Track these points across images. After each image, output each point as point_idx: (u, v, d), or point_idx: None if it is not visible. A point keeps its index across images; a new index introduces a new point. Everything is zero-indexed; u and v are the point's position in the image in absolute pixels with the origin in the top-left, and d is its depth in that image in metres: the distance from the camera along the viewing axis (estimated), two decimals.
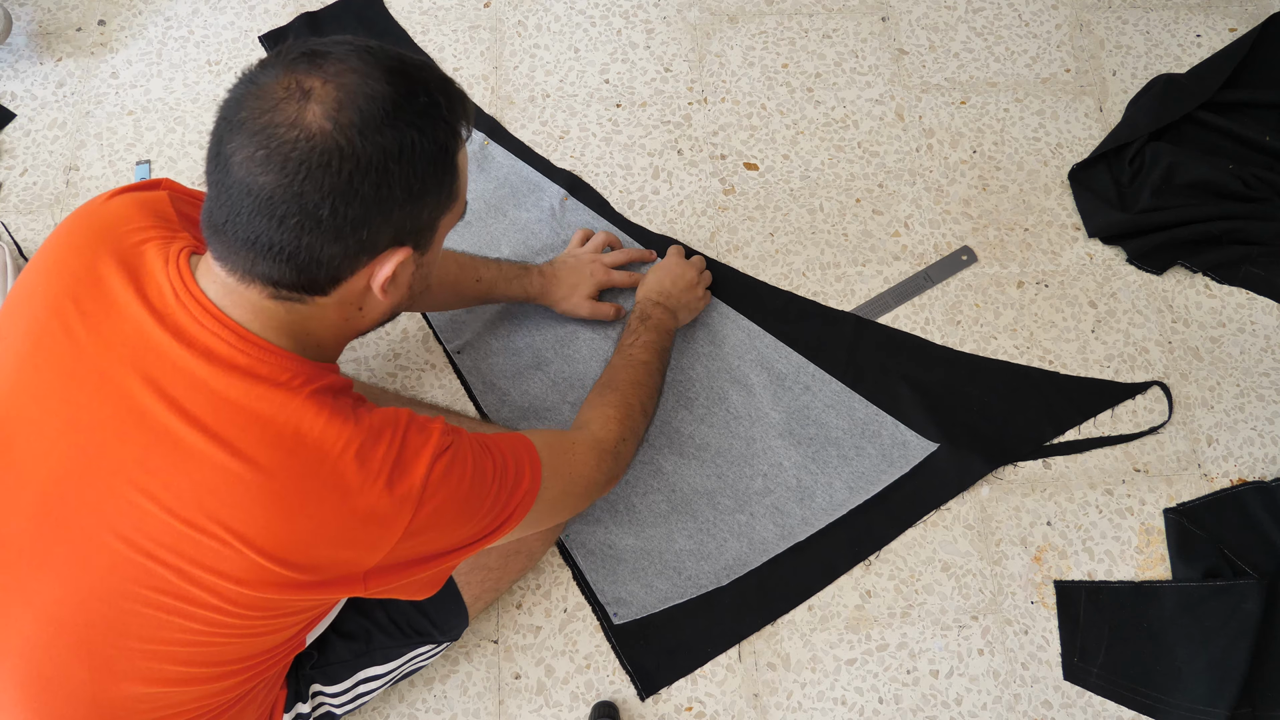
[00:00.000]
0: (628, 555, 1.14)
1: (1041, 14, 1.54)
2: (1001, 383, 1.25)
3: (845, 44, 1.51)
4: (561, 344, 1.27)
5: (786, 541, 1.15)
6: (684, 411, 1.22)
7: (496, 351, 1.27)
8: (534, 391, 1.24)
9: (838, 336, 1.27)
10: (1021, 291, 1.32)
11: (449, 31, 1.52)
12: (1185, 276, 1.33)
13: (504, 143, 1.42)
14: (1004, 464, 1.20)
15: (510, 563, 1.03)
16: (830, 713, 1.09)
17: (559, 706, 1.09)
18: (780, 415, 1.22)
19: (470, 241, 1.34)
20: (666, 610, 1.12)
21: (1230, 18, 1.52)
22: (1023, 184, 1.40)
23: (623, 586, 1.13)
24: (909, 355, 1.27)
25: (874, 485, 1.18)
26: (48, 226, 1.36)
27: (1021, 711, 1.09)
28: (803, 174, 1.40)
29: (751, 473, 1.19)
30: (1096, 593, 1.14)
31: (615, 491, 1.18)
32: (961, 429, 1.21)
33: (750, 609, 1.12)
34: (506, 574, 1.03)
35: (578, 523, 1.16)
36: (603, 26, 1.52)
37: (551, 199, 1.37)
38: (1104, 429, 1.23)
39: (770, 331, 1.27)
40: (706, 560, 1.14)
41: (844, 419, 1.22)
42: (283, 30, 1.52)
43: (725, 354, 1.26)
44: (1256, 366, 1.27)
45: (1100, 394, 1.25)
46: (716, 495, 1.17)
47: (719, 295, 1.30)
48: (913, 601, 1.14)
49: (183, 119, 1.45)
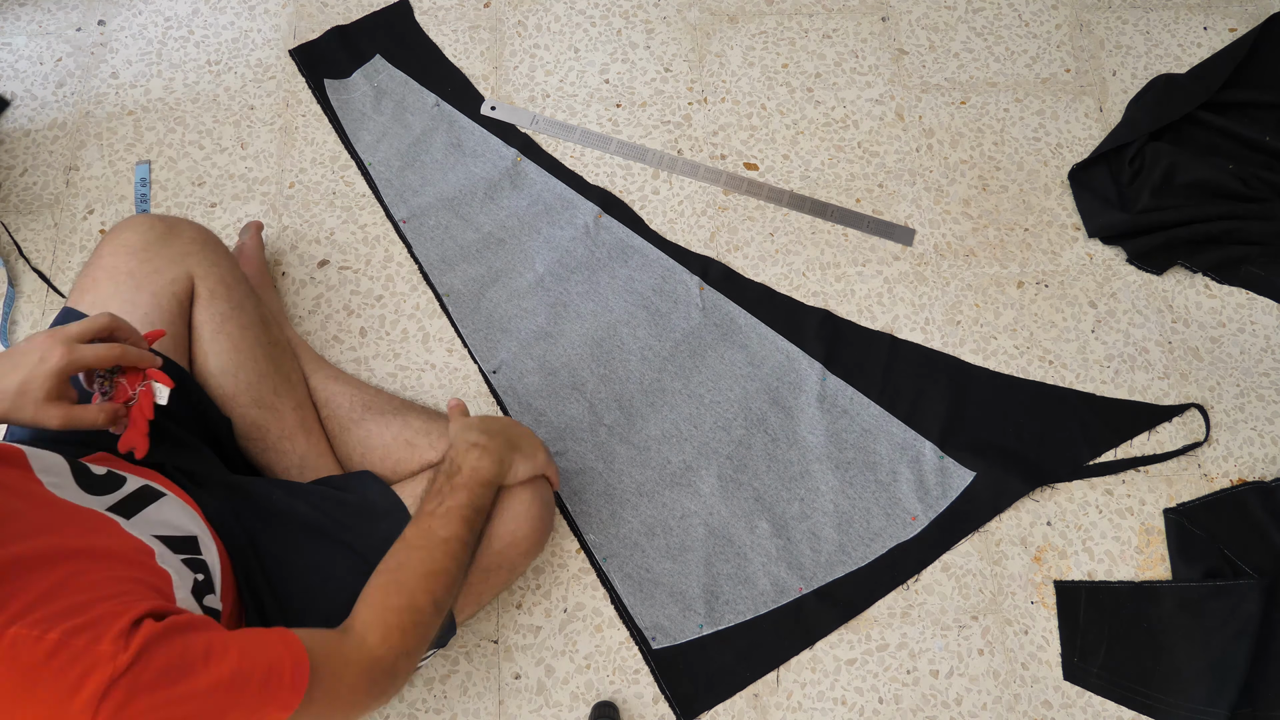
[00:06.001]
0: (665, 579, 1.14)
1: (1041, 14, 1.54)
2: (1038, 404, 1.24)
3: (845, 44, 1.51)
4: (599, 365, 1.26)
5: (824, 571, 1.14)
6: (722, 434, 1.22)
7: (532, 371, 1.26)
8: (570, 413, 1.24)
9: (874, 357, 1.27)
10: (1021, 291, 1.32)
11: (449, 31, 1.52)
12: (1185, 276, 1.33)
13: (537, 159, 1.41)
14: (1041, 485, 1.19)
15: (490, 578, 0.98)
16: (830, 713, 1.09)
17: (559, 706, 1.09)
18: (818, 439, 1.22)
19: (505, 260, 1.34)
20: (705, 636, 1.12)
21: (1230, 18, 1.52)
22: (1023, 184, 1.40)
23: (661, 611, 1.12)
24: (945, 375, 1.26)
25: (909, 514, 1.17)
26: (48, 226, 1.36)
27: (1021, 711, 1.09)
28: (803, 174, 1.40)
29: (789, 496, 1.19)
30: (1096, 593, 1.14)
31: (653, 515, 1.17)
32: (997, 451, 1.21)
33: (789, 634, 1.12)
34: (487, 588, 1.00)
35: (615, 546, 1.16)
36: (603, 26, 1.52)
37: (585, 216, 1.37)
38: (1139, 448, 1.22)
39: (807, 352, 1.27)
40: (745, 585, 1.14)
41: (882, 443, 1.21)
42: (314, 44, 1.50)
43: (764, 375, 1.26)
44: (1256, 366, 1.27)
45: (1137, 416, 1.24)
46: (754, 519, 1.17)
47: (756, 315, 1.29)
48: (913, 601, 1.14)
49: (183, 119, 1.45)
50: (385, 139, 1.43)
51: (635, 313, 1.30)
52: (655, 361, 1.27)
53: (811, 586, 1.14)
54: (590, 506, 1.18)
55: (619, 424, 1.23)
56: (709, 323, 1.29)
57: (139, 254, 0.98)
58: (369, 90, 1.47)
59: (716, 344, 1.28)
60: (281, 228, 1.36)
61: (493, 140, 1.43)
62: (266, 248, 1.33)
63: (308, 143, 1.43)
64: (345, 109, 1.45)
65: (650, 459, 1.21)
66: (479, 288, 1.32)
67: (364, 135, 1.43)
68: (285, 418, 1.03)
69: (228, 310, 1.01)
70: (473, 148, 1.43)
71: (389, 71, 1.49)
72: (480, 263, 1.34)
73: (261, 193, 1.39)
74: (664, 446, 1.21)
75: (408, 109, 1.45)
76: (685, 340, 1.28)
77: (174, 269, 0.99)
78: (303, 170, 1.41)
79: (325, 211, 1.38)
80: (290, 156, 1.42)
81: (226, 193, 1.39)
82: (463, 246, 1.35)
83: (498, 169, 1.41)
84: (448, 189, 1.39)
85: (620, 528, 1.17)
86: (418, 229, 1.36)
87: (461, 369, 1.27)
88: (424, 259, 1.34)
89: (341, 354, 1.27)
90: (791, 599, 1.13)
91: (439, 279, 1.33)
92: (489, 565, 0.97)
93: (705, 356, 1.27)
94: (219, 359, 1.00)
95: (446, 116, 1.45)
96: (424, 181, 1.40)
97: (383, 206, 1.38)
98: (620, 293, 1.31)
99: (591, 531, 1.16)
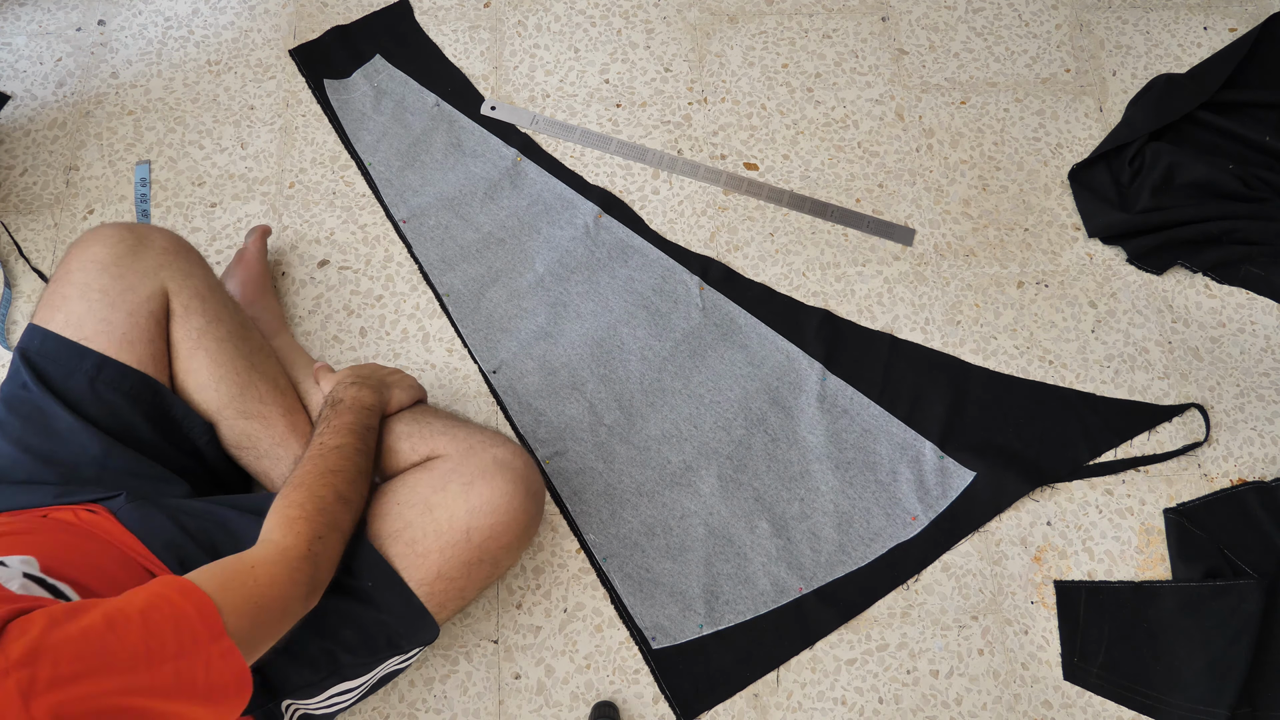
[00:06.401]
0: (665, 579, 1.14)
1: (1041, 14, 1.54)
2: (1038, 404, 1.24)
3: (845, 44, 1.51)
4: (599, 365, 1.26)
5: (824, 571, 1.14)
6: (722, 434, 1.22)
7: (532, 372, 1.26)
8: (570, 413, 1.24)
9: (874, 357, 1.27)
10: (1021, 291, 1.32)
11: (449, 31, 1.52)
12: (1185, 276, 1.33)
13: (537, 159, 1.41)
14: (1040, 485, 1.19)
15: (473, 571, 0.95)
16: (830, 713, 1.09)
17: (559, 706, 1.09)
18: (818, 439, 1.22)
19: (505, 260, 1.34)
20: (705, 636, 1.12)
21: (1230, 18, 1.52)
22: (1023, 184, 1.40)
23: (661, 611, 1.12)
24: (945, 375, 1.26)
25: (909, 514, 1.17)
26: (48, 226, 1.36)
27: (1021, 711, 1.09)
28: (803, 174, 1.40)
29: (789, 496, 1.19)
30: (1096, 593, 1.14)
31: (653, 515, 1.17)
32: (997, 451, 1.21)
33: (789, 634, 1.12)
34: (471, 583, 0.96)
35: (615, 546, 1.16)
36: (603, 26, 1.52)
37: (585, 216, 1.37)
38: (1139, 448, 1.22)
39: (807, 352, 1.27)
40: (745, 585, 1.14)
41: (882, 443, 1.21)
42: (314, 44, 1.50)
43: (764, 375, 1.26)
44: (1256, 366, 1.27)
45: (1137, 416, 1.24)
46: (754, 519, 1.17)
47: (756, 315, 1.29)
48: (913, 601, 1.14)
49: (183, 119, 1.45)
50: (385, 139, 1.43)
51: (635, 313, 1.30)
52: (655, 361, 1.27)
53: (811, 586, 1.14)
54: (590, 506, 1.18)
55: (619, 424, 1.23)
56: (709, 323, 1.29)
57: (110, 270, 0.96)
58: (369, 90, 1.47)
59: (716, 344, 1.28)
60: (281, 228, 1.36)
61: (493, 140, 1.43)
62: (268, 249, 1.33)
63: (308, 143, 1.43)
64: (345, 109, 1.45)
65: (650, 459, 1.21)
66: (479, 288, 1.32)
67: (364, 135, 1.43)
68: (275, 425, 1.03)
69: (204, 325, 1.00)
70: (473, 148, 1.42)
71: (389, 71, 1.49)
72: (480, 263, 1.34)
73: (261, 193, 1.39)
74: (664, 446, 1.21)
75: (408, 109, 1.45)
76: (685, 340, 1.28)
77: (147, 284, 0.97)
78: (303, 170, 1.41)
79: (325, 211, 1.38)
80: (290, 156, 1.42)
81: (226, 193, 1.39)
82: (463, 246, 1.35)
83: (498, 169, 1.41)
84: (448, 189, 1.39)
85: (620, 527, 1.17)
86: (418, 229, 1.36)
87: (461, 369, 1.27)
88: (424, 259, 1.34)
89: (341, 354, 1.27)
90: (791, 599, 1.13)
91: (439, 279, 1.33)
92: (470, 559, 0.93)
93: (705, 356, 1.27)
94: (198, 375, 0.99)
95: (446, 116, 1.45)
96: (424, 181, 1.40)
97: (383, 206, 1.38)
98: (620, 293, 1.31)
99: (591, 531, 1.16)
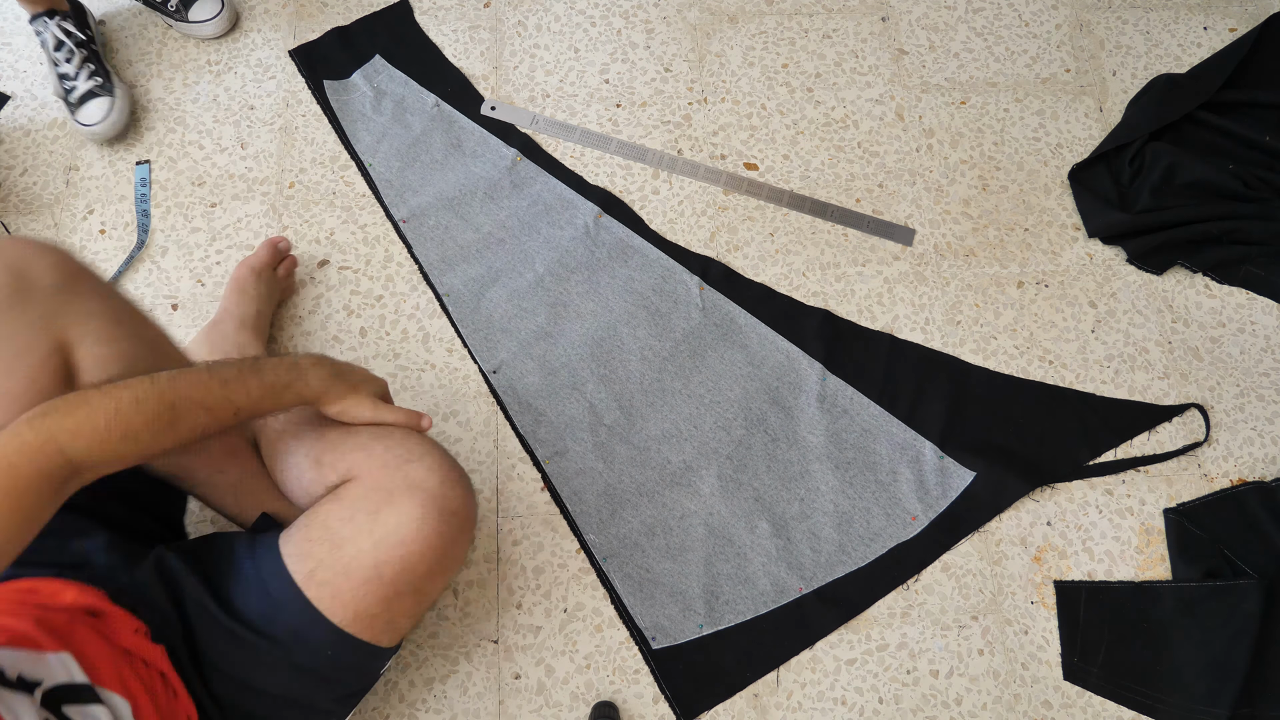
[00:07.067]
0: (665, 579, 1.14)
1: (1041, 14, 1.54)
2: (1038, 404, 1.24)
3: (845, 44, 1.51)
4: (599, 365, 1.26)
5: (824, 571, 1.14)
6: (722, 434, 1.22)
7: (532, 371, 1.26)
8: (570, 413, 1.23)
9: (874, 357, 1.27)
10: (1021, 291, 1.32)
11: (449, 31, 1.52)
12: (1185, 276, 1.33)
13: (537, 159, 1.41)
14: (1040, 485, 1.19)
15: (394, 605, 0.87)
16: (830, 713, 1.09)
17: (559, 706, 1.09)
18: (818, 438, 1.22)
19: (504, 260, 1.34)
20: (706, 636, 1.12)
21: (1230, 18, 1.52)
22: (1023, 184, 1.40)
23: (661, 611, 1.12)
24: (945, 375, 1.26)
25: (909, 514, 1.17)
26: (48, 227, 1.36)
27: (1021, 711, 1.09)
28: (803, 174, 1.40)
29: (789, 496, 1.19)
30: (1096, 593, 1.14)
31: (653, 515, 1.17)
32: (997, 451, 1.21)
33: (789, 634, 1.12)
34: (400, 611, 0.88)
35: (615, 546, 1.16)
36: (603, 26, 1.52)
37: (585, 216, 1.37)
38: (1139, 448, 1.22)
39: (807, 351, 1.27)
40: (745, 585, 1.14)
41: (882, 443, 1.21)
42: (313, 44, 1.50)
43: (764, 375, 1.26)
44: (1256, 366, 1.27)
45: (1137, 416, 1.24)
46: (754, 519, 1.17)
47: (756, 315, 1.29)
48: (913, 601, 1.14)
49: (183, 119, 1.45)
50: (385, 139, 1.43)
51: (635, 313, 1.30)
52: (655, 361, 1.27)
53: (811, 586, 1.14)
54: (590, 506, 1.18)
55: (619, 424, 1.23)
56: (709, 323, 1.29)
57: None
58: (369, 91, 1.47)
59: (716, 344, 1.28)
60: (281, 228, 1.36)
61: (492, 140, 1.43)
62: None
63: (308, 143, 1.43)
64: (345, 109, 1.45)
65: (650, 459, 1.21)
66: (479, 288, 1.32)
67: (364, 135, 1.43)
68: (208, 449, 0.95)
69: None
70: (472, 148, 1.42)
71: (389, 72, 1.49)
72: (480, 263, 1.34)
73: (261, 193, 1.39)
74: (664, 446, 1.21)
75: (407, 109, 1.45)
76: (685, 340, 1.28)
77: (43, 340, 0.81)
78: (303, 170, 1.41)
79: (325, 211, 1.38)
80: (290, 156, 1.42)
81: (226, 193, 1.39)
82: (463, 246, 1.35)
83: (497, 169, 1.41)
84: (447, 189, 1.39)
85: (620, 528, 1.17)
86: (418, 229, 1.36)
87: (461, 369, 1.27)
88: (424, 259, 1.34)
89: (341, 354, 1.27)
90: (791, 599, 1.13)
91: (439, 279, 1.33)
92: (387, 595, 0.85)
93: (705, 356, 1.27)
94: None
95: (446, 116, 1.45)
96: (424, 181, 1.40)
97: (383, 206, 1.38)
98: (620, 293, 1.31)
99: (591, 531, 1.16)
